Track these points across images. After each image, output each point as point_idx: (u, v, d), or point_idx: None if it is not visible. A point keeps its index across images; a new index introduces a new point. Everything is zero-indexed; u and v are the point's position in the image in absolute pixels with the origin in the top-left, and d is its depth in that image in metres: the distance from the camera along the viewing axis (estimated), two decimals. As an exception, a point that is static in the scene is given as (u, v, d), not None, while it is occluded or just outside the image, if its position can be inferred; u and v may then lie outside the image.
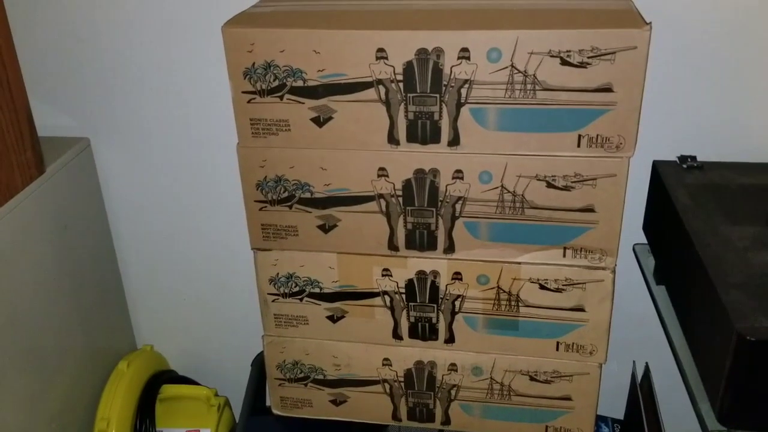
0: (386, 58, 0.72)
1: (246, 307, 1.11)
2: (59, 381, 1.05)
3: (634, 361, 1.03)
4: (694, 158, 0.90)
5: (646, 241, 0.96)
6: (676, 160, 0.90)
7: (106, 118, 1.09)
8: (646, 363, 1.01)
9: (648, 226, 0.94)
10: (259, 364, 1.10)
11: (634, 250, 0.98)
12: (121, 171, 1.13)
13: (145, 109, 1.08)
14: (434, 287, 0.84)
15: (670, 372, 0.91)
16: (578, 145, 0.73)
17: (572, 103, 0.71)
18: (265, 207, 0.84)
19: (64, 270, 1.05)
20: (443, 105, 0.73)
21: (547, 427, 0.91)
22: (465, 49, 0.70)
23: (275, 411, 1.00)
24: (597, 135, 0.72)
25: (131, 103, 1.08)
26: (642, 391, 0.99)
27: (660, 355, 0.98)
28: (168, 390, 1.17)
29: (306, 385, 0.96)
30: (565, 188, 0.75)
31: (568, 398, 0.88)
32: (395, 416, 0.95)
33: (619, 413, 1.08)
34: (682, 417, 0.99)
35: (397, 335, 0.89)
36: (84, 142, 1.10)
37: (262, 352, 0.98)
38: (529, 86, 0.71)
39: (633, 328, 1.07)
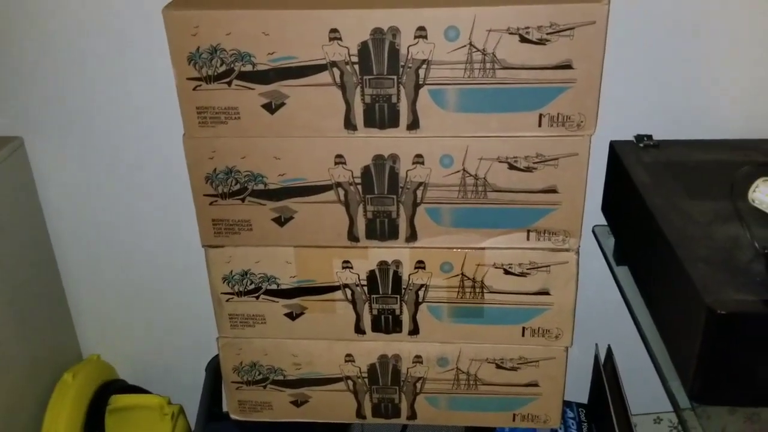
0: (340, 38, 0.69)
1: (198, 309, 1.06)
2: (-2, 397, 0.98)
3: (596, 344, 1.02)
4: (650, 137, 0.89)
5: (605, 223, 0.95)
6: (633, 139, 0.90)
7: (38, 115, 1.03)
8: (609, 345, 1.01)
9: (607, 207, 0.93)
10: (213, 368, 1.05)
11: (593, 231, 0.97)
12: (57, 170, 1.07)
13: (81, 102, 1.01)
14: (397, 277, 0.81)
15: (632, 353, 0.92)
16: (539, 125, 0.71)
17: (532, 82, 0.69)
18: (216, 201, 0.80)
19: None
20: (401, 87, 0.71)
21: (514, 415, 0.90)
22: (422, 28, 0.68)
23: (233, 416, 0.95)
24: (558, 113, 0.71)
25: (66, 97, 1.01)
26: (606, 374, 0.99)
27: (622, 336, 0.98)
28: (118, 400, 1.11)
29: (265, 387, 0.92)
30: (527, 169, 0.74)
31: (535, 384, 0.87)
32: (359, 414, 0.92)
33: (583, 397, 1.07)
34: (647, 398, 1.00)
35: (359, 329, 0.86)
36: (17, 141, 1.03)
37: (216, 356, 0.94)
38: (488, 65, 0.69)
39: (593, 311, 1.07)
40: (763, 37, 0.90)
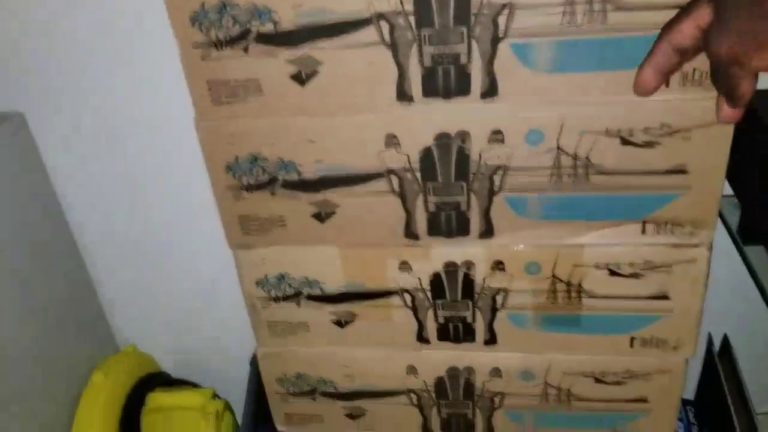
0: (387, -20, 0.50)
1: (241, 294, 0.92)
2: (23, 403, 0.87)
3: (709, 333, 0.85)
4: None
5: (728, 192, 0.76)
6: (770, 87, 0.69)
7: (41, 87, 0.87)
8: (725, 334, 0.84)
9: (734, 172, 0.73)
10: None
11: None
12: (67, 150, 0.92)
13: (90, 73, 0.85)
14: (468, 281, 0.65)
15: (753, 344, 0.76)
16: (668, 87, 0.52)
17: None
18: (242, 194, 0.64)
19: (14, 267, 0.86)
20: (472, 41, 0.52)
21: (616, 433, 0.74)
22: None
23: (280, 428, 0.83)
24: (694, 69, 0.51)
25: (69, 73, 0.85)
26: (722, 366, 0.82)
27: (739, 325, 0.84)
28: (155, 399, 1.00)
29: (314, 398, 0.78)
30: (647, 144, 0.55)
31: (643, 400, 0.70)
32: (426, 429, 0.78)
33: (688, 394, 0.91)
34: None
35: (422, 338, 0.70)
36: (17, 117, 0.89)
37: (261, 348, 0.80)
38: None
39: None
40: None
